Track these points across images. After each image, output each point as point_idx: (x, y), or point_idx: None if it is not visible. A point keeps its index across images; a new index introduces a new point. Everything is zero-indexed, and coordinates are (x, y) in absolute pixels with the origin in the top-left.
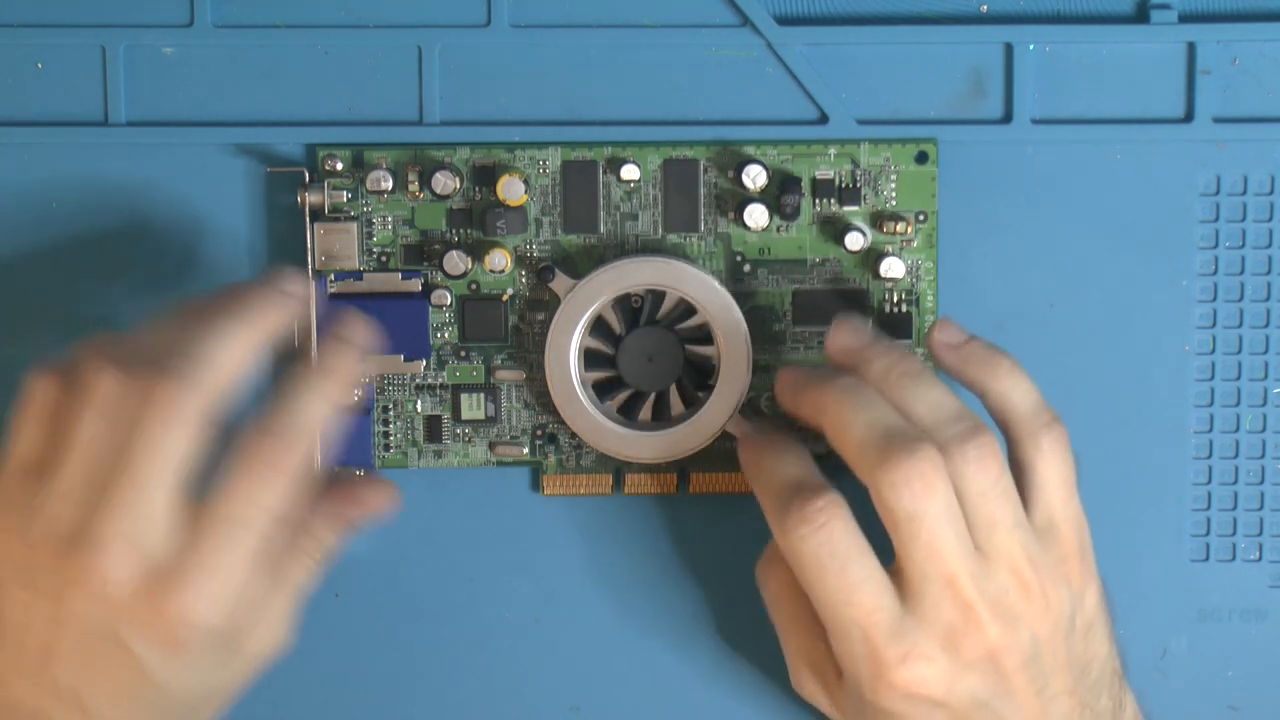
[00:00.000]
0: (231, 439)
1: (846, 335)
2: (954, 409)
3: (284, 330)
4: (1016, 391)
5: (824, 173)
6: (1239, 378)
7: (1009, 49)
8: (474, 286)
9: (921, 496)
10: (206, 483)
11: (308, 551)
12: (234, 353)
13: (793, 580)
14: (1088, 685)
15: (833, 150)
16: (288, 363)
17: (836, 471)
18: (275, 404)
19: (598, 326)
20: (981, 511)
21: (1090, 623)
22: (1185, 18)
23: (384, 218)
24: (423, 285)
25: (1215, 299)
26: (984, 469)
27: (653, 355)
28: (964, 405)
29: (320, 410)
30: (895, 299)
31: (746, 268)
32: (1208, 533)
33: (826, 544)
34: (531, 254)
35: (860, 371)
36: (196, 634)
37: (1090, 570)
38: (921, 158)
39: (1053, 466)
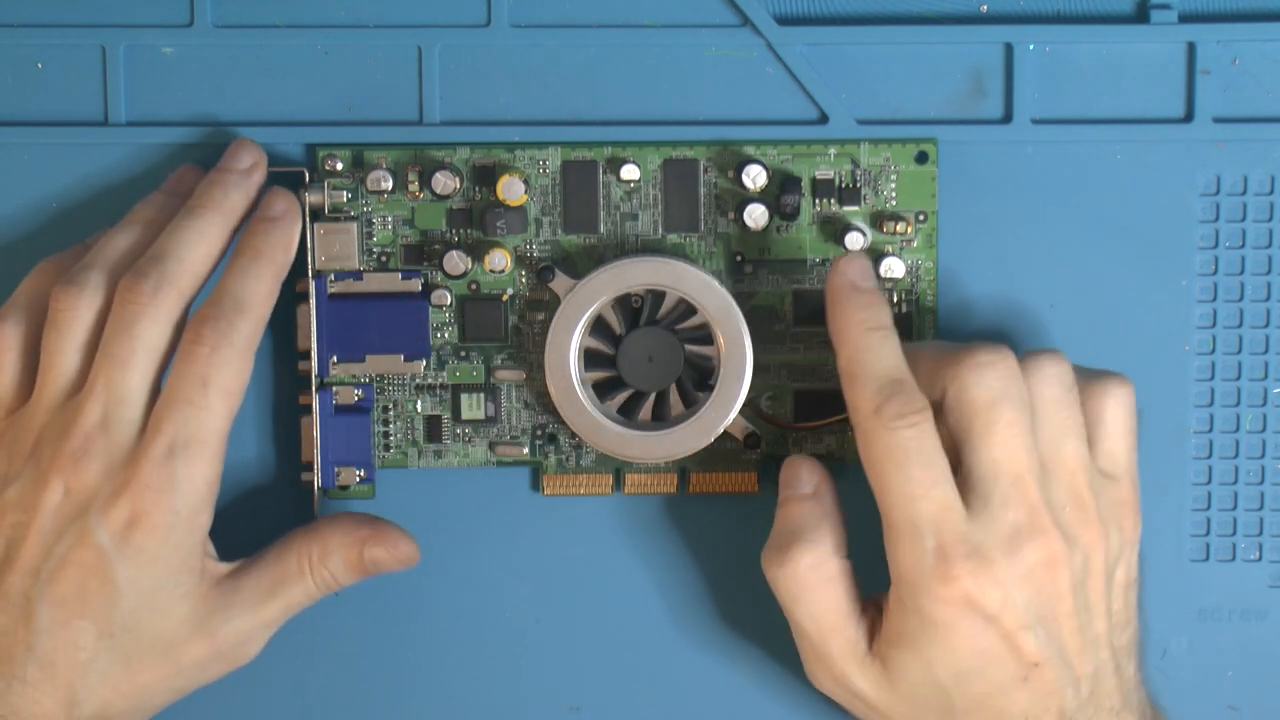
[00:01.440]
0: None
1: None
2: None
3: (246, 206)
4: (1063, 368)
5: (824, 173)
6: (1239, 378)
7: (1009, 49)
8: (474, 286)
9: (1004, 381)
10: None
11: (317, 582)
12: (201, 248)
13: (810, 564)
14: (1122, 645)
15: (833, 150)
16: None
17: (837, 474)
18: (215, 289)
19: (598, 326)
20: (1053, 420)
21: (1131, 583)
22: (1185, 18)
23: (384, 218)
24: (423, 285)
25: (1215, 299)
26: (1059, 378)
27: (653, 355)
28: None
29: (257, 287)
30: (895, 299)
31: (747, 268)
32: (1208, 533)
33: (917, 438)
34: (531, 254)
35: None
36: (155, 511)
37: (1138, 532)
38: (921, 158)
39: (1119, 415)
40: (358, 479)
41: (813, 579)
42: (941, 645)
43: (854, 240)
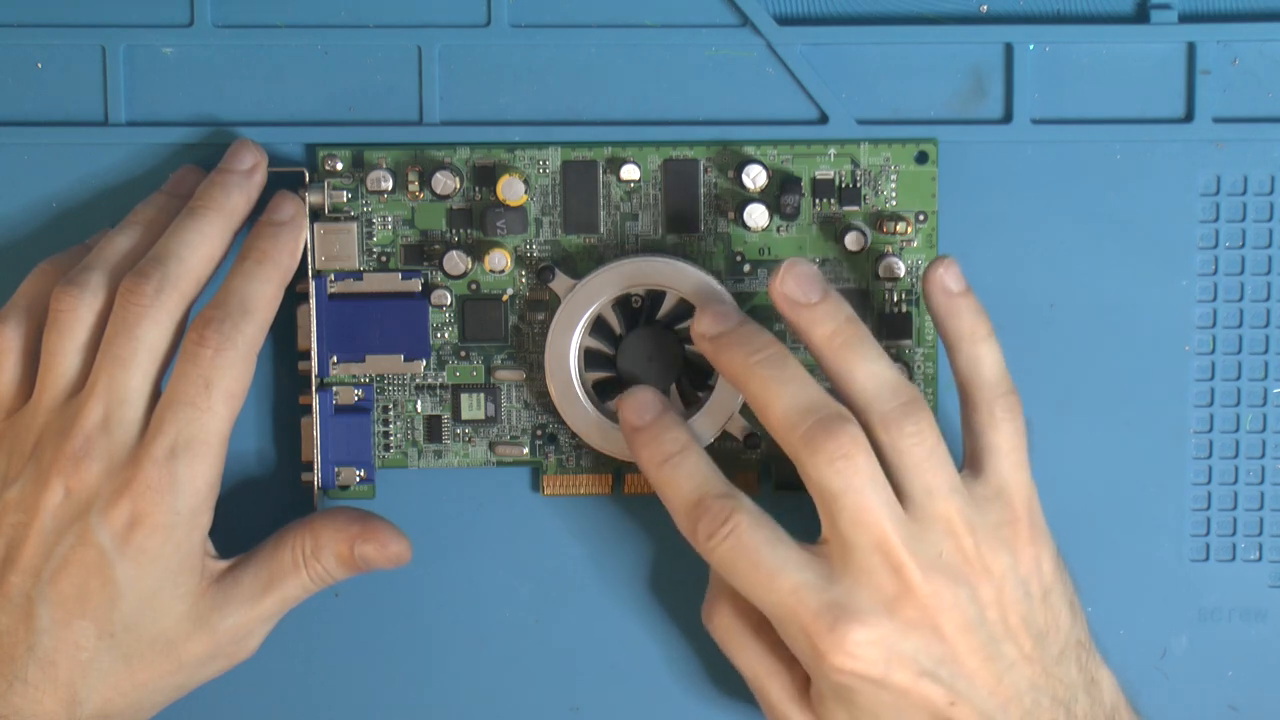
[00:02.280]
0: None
1: (796, 286)
2: (892, 381)
3: (248, 207)
4: (986, 359)
5: (824, 173)
6: (1239, 378)
7: (1009, 49)
8: (474, 286)
9: (844, 472)
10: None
11: (311, 576)
12: (203, 250)
13: (735, 615)
14: (1051, 654)
15: (833, 150)
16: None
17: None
18: (219, 291)
19: (598, 326)
20: (918, 480)
21: (1046, 589)
22: (1185, 18)
23: (384, 218)
24: (423, 285)
25: (1215, 299)
26: (921, 442)
27: (653, 355)
28: (902, 377)
29: (263, 290)
30: (895, 299)
31: (746, 268)
32: (1208, 533)
33: (735, 546)
34: (531, 254)
35: (803, 333)
36: (156, 512)
37: (1041, 538)
38: (921, 158)
39: (1005, 434)
40: (358, 479)
41: (738, 630)
42: (853, 707)
43: (854, 240)
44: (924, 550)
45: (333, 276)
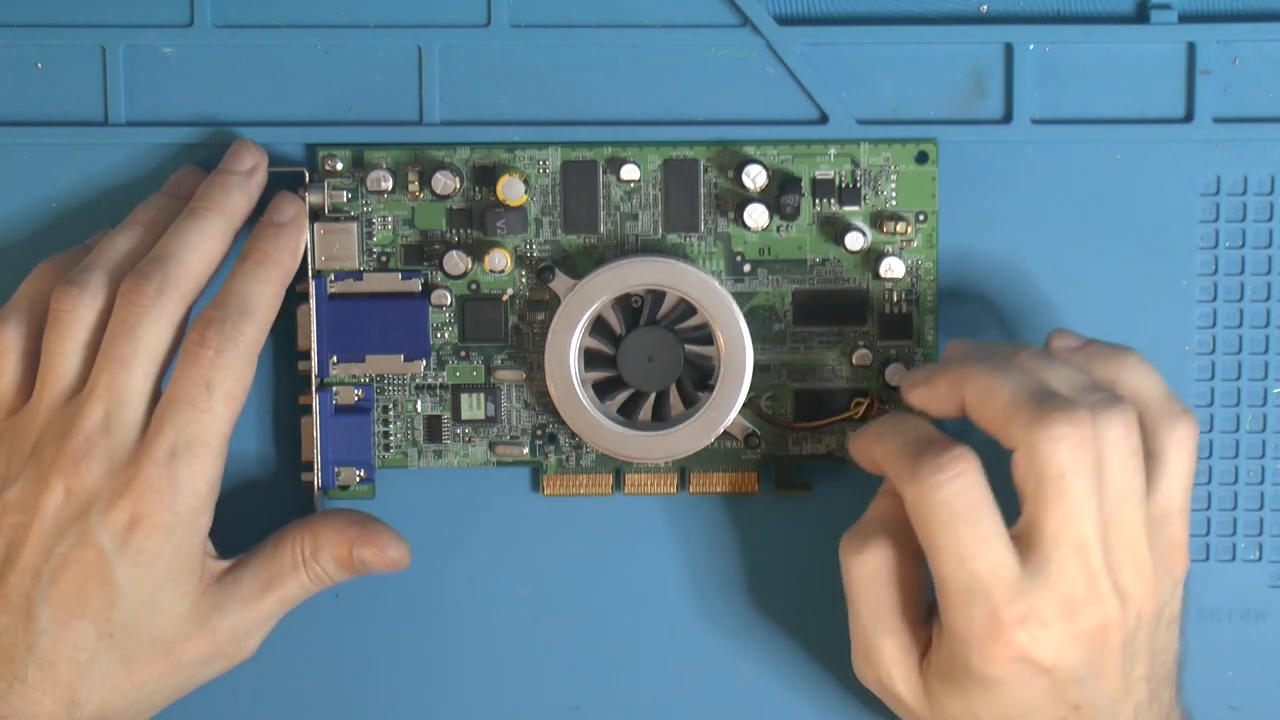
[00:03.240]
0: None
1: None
2: (1089, 382)
3: (248, 207)
4: (1148, 380)
5: (824, 173)
6: (1239, 378)
7: (1009, 49)
8: (474, 286)
9: (1076, 453)
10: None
11: (310, 576)
12: (204, 250)
13: (884, 561)
14: (1159, 676)
15: (833, 150)
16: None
17: (836, 475)
18: (220, 291)
19: (598, 326)
20: (1118, 482)
21: (1175, 616)
22: (1185, 18)
23: (384, 218)
24: (423, 285)
25: (1215, 299)
26: (1126, 439)
27: (653, 355)
28: (1097, 382)
29: (264, 291)
30: (895, 299)
31: (746, 268)
32: (1208, 533)
33: (962, 494)
34: (531, 254)
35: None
36: (156, 513)
37: (1187, 567)
38: (921, 158)
39: (1181, 458)
40: (358, 479)
41: (884, 576)
42: (989, 695)
43: (854, 240)
44: (1113, 562)
45: (333, 276)
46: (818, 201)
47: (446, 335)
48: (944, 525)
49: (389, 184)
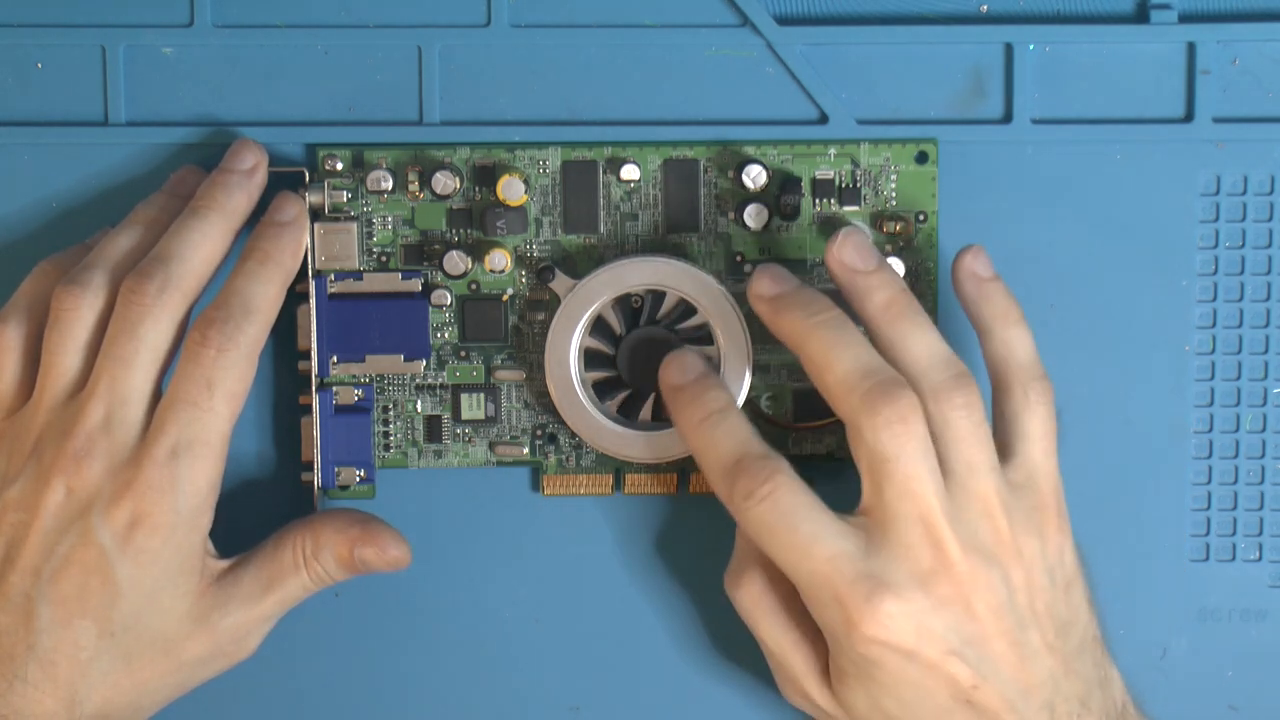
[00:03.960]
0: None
1: (854, 253)
2: (944, 354)
3: (249, 207)
4: (1019, 342)
5: (824, 173)
6: (1239, 378)
7: (1009, 49)
8: (474, 286)
9: (900, 437)
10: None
11: (311, 576)
12: (205, 250)
13: (763, 586)
14: (1071, 646)
15: (833, 150)
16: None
17: (834, 475)
18: (222, 291)
19: (598, 326)
20: (961, 455)
21: (1069, 580)
22: (1185, 18)
23: (384, 218)
24: (423, 285)
25: (1215, 299)
26: (968, 415)
27: (653, 355)
28: (952, 352)
29: (265, 291)
30: None
31: (746, 268)
32: (1208, 533)
33: (773, 509)
34: (531, 254)
35: (858, 298)
36: (157, 512)
37: (1066, 529)
38: (921, 158)
39: (1037, 419)
40: (358, 479)
41: (765, 602)
42: (875, 681)
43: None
44: (963, 528)
45: (333, 276)
46: (818, 201)
47: (446, 335)
48: (771, 538)
49: (389, 184)
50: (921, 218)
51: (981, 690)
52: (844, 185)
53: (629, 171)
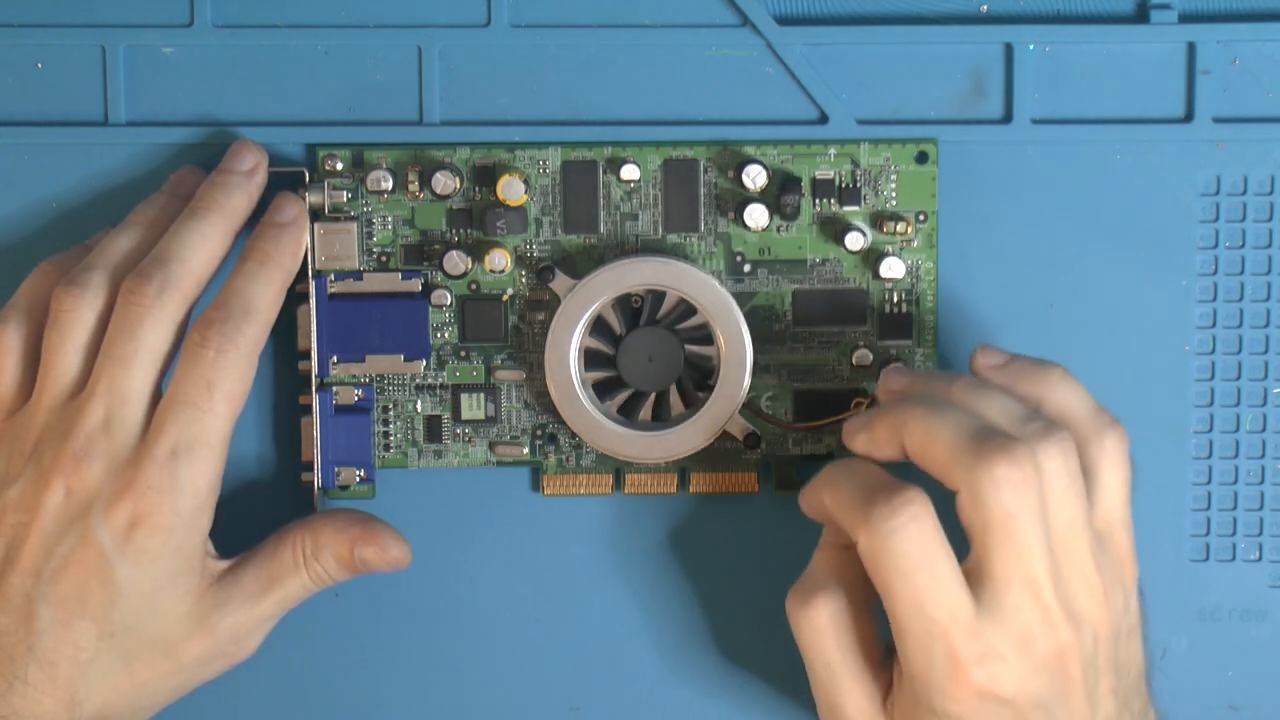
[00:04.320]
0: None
1: (898, 377)
2: (1023, 411)
3: (249, 207)
4: (1073, 396)
5: (824, 173)
6: (1239, 378)
7: (1009, 49)
8: (474, 286)
9: (1020, 493)
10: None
11: (311, 576)
12: (204, 250)
13: (835, 612)
14: (1127, 686)
15: (833, 150)
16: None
17: None
18: (221, 291)
19: (598, 326)
20: (1061, 513)
21: (1134, 626)
22: (1185, 18)
23: (384, 218)
24: (423, 285)
25: (1215, 299)
26: (1065, 466)
27: (653, 355)
28: (1030, 408)
29: (265, 292)
30: (895, 299)
31: (746, 268)
32: (1208, 533)
33: (916, 539)
34: (531, 254)
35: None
36: (157, 513)
37: (1136, 576)
38: (921, 158)
39: (1115, 470)
40: (358, 479)
41: (834, 628)
42: None
43: (854, 240)
44: (1064, 590)
45: (333, 276)
46: (818, 201)
47: (446, 335)
48: (900, 572)
49: (389, 184)
50: (921, 218)
51: None
52: (844, 185)
53: (629, 171)
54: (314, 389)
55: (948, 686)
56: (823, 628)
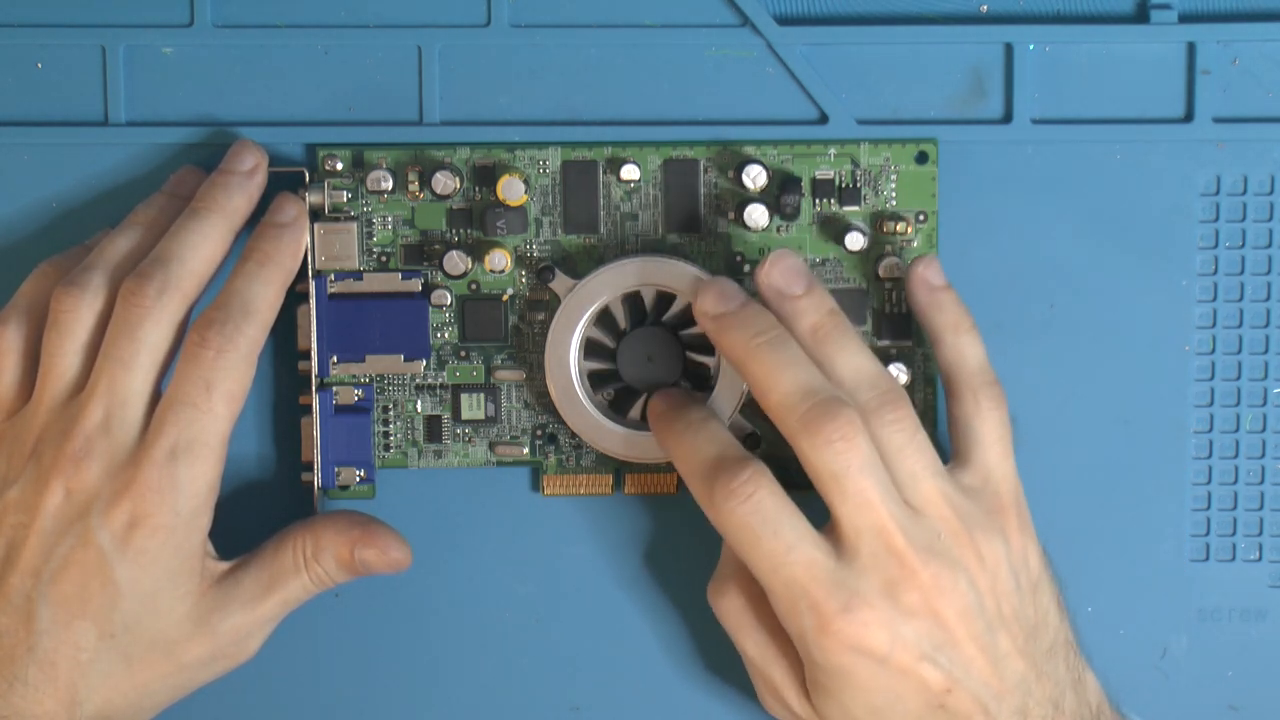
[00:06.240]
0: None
1: (781, 277)
2: (874, 373)
3: (249, 208)
4: (969, 349)
5: (824, 173)
6: (1239, 378)
7: (1009, 49)
8: (474, 286)
9: (844, 454)
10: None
11: (312, 578)
12: (204, 251)
13: (746, 597)
14: (1041, 650)
15: (833, 150)
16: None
17: None
18: (221, 292)
19: (602, 319)
20: (902, 466)
21: (1035, 583)
22: (1185, 18)
23: (384, 218)
24: (423, 285)
25: (1215, 299)
26: (901, 429)
27: (653, 355)
28: (883, 369)
29: (265, 292)
30: (895, 299)
31: (746, 268)
32: (1208, 533)
33: (756, 512)
34: (531, 254)
35: (789, 319)
36: (156, 513)
37: (1028, 531)
38: (921, 158)
39: (989, 423)
40: (358, 479)
41: (752, 610)
42: (847, 689)
43: (854, 240)
44: (920, 535)
45: (333, 276)
46: (818, 201)
47: (446, 335)
48: (750, 541)
49: (389, 184)
50: (921, 218)
51: (954, 694)
52: (844, 185)
53: (629, 171)
54: (314, 389)
55: (821, 640)
56: (739, 614)
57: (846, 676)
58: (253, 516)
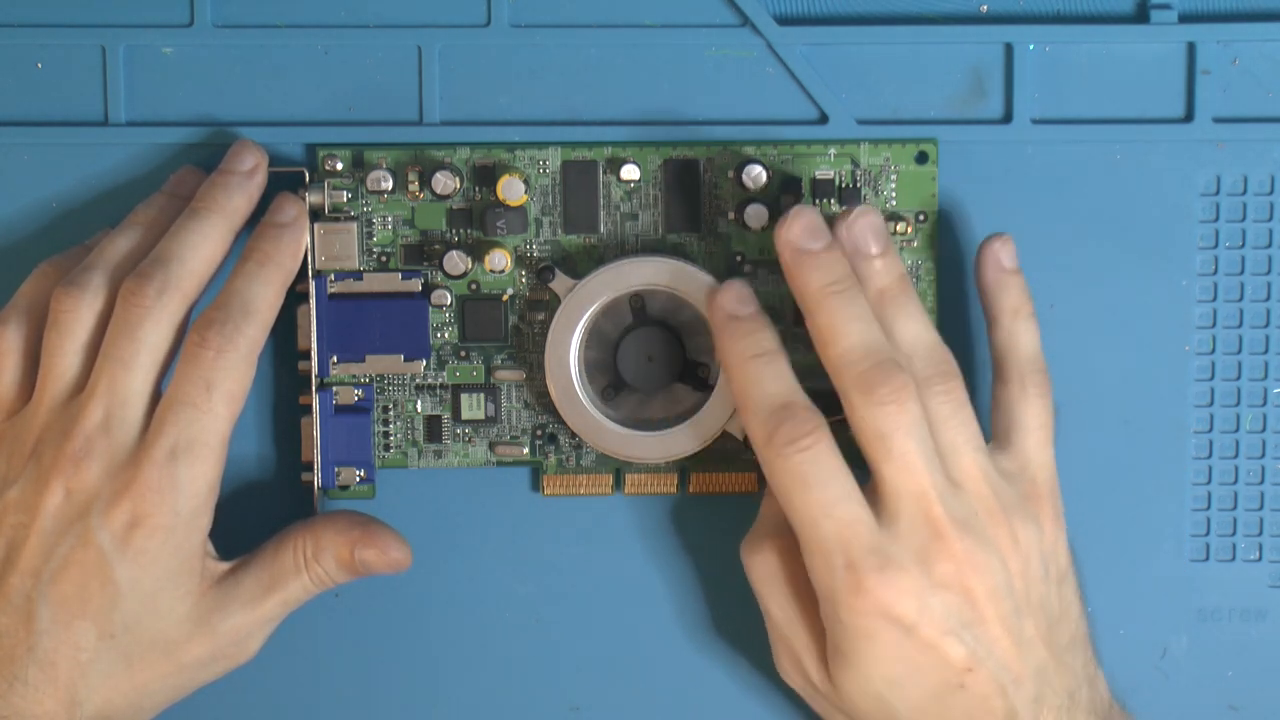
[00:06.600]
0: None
1: (861, 232)
2: (932, 344)
3: (249, 208)
4: (1025, 335)
5: (824, 173)
6: (1239, 378)
7: (1009, 49)
8: (474, 286)
9: (894, 415)
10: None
11: (312, 578)
12: (204, 251)
13: (780, 557)
14: (1062, 641)
15: (833, 150)
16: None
17: None
18: (221, 292)
19: (605, 314)
20: (945, 436)
21: (1062, 575)
22: (1185, 18)
23: (384, 218)
24: (423, 285)
25: (1215, 299)
26: (949, 399)
27: (652, 355)
28: (942, 343)
29: (264, 292)
30: None
31: (746, 268)
32: (1208, 533)
33: (812, 461)
34: (531, 254)
35: (861, 276)
36: (156, 513)
37: (1060, 522)
38: (921, 158)
39: (1033, 410)
40: (358, 479)
41: (784, 572)
42: (868, 656)
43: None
44: (958, 508)
45: (333, 276)
46: (818, 201)
47: (446, 335)
48: (798, 489)
49: (389, 184)
50: (921, 218)
51: (975, 674)
52: (844, 185)
53: (629, 171)
54: (314, 389)
55: (852, 600)
56: (770, 572)
57: (870, 641)
58: (253, 516)
